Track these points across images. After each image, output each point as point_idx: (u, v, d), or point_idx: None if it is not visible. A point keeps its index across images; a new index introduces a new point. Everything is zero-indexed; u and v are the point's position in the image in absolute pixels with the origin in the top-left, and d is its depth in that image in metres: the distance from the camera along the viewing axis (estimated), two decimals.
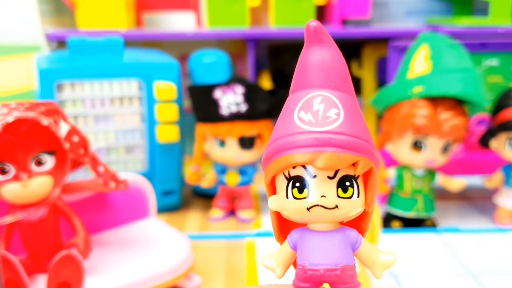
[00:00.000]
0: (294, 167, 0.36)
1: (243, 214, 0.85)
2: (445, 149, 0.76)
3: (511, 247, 0.74)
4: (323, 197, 0.35)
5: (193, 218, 0.86)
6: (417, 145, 0.76)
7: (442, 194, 0.91)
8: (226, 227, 0.82)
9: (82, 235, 0.57)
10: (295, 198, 0.36)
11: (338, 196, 0.36)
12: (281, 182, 0.37)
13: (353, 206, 0.36)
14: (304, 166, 0.36)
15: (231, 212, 0.87)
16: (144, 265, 0.59)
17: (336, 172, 0.36)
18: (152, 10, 1.09)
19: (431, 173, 0.79)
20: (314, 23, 0.38)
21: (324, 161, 0.35)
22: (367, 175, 0.37)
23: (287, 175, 0.36)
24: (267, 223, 0.83)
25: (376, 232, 0.60)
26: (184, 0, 1.09)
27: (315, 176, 0.36)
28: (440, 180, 0.80)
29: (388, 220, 0.81)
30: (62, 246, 0.57)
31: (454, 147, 0.77)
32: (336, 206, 0.36)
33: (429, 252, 0.72)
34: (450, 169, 0.86)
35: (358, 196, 0.36)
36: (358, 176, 0.37)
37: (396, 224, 0.80)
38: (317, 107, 0.36)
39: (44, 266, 0.57)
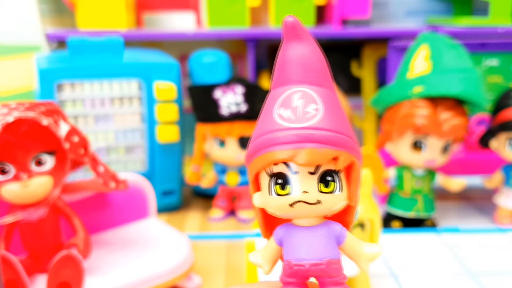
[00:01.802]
0: (276, 164, 0.36)
1: (243, 214, 0.85)
2: (445, 149, 0.76)
3: (511, 247, 0.74)
4: (305, 193, 0.36)
5: (193, 218, 0.86)
6: (417, 145, 0.76)
7: (442, 194, 0.91)
8: (226, 227, 0.82)
9: (82, 235, 0.57)
10: (278, 194, 0.36)
11: (320, 191, 0.36)
12: (264, 179, 0.37)
13: (335, 200, 0.37)
14: (285, 163, 0.36)
15: (231, 212, 0.87)
16: (144, 265, 0.59)
17: (318, 167, 0.36)
18: (152, 10, 1.09)
19: (431, 173, 0.79)
20: (290, 18, 0.38)
21: (304, 157, 0.35)
22: (349, 169, 0.37)
23: (270, 172, 0.37)
24: None
25: (376, 232, 0.60)
26: (184, 0, 1.09)
27: (296, 172, 0.36)
28: (440, 180, 0.80)
29: (388, 220, 0.81)
30: (62, 246, 0.57)
31: (454, 147, 0.77)
32: (319, 201, 0.36)
33: (429, 252, 0.72)
34: (450, 169, 0.86)
35: (340, 190, 0.37)
36: (340, 171, 0.37)
37: (396, 224, 0.80)
38: (296, 103, 0.36)
39: (44, 266, 0.57)
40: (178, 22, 1.09)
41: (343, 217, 0.39)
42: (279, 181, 0.36)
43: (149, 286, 0.57)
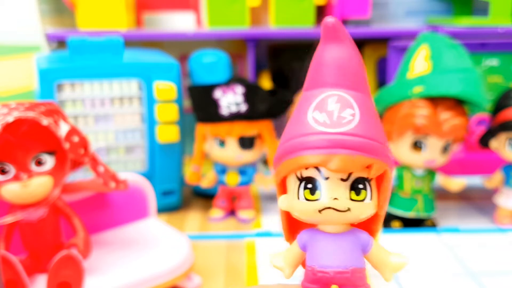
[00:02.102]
0: (306, 168, 0.35)
1: (243, 214, 0.85)
2: (445, 149, 0.76)
3: (511, 247, 0.74)
4: (335, 200, 0.35)
5: (193, 218, 0.86)
6: (417, 145, 0.76)
7: (442, 194, 0.91)
8: (226, 227, 0.82)
9: (82, 235, 0.57)
10: (306, 199, 0.35)
11: (351, 199, 0.35)
12: (293, 183, 0.36)
13: (365, 208, 0.36)
14: (316, 168, 0.35)
15: (231, 212, 0.87)
16: (144, 265, 0.59)
17: (349, 174, 0.35)
18: (152, 10, 1.09)
19: (431, 173, 0.79)
20: (331, 19, 0.36)
21: (337, 163, 0.34)
22: (380, 177, 0.36)
23: (299, 176, 0.36)
24: (267, 223, 0.83)
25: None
26: (184, 0, 1.09)
27: (327, 178, 0.35)
28: (440, 180, 0.80)
29: (388, 220, 0.81)
30: (62, 246, 0.57)
31: (454, 147, 0.77)
32: (348, 209, 0.35)
33: (429, 252, 0.72)
34: (450, 169, 0.86)
35: (371, 199, 0.36)
36: (371, 179, 0.36)
37: (396, 224, 0.80)
38: (332, 107, 0.35)
39: (44, 266, 0.57)
40: (178, 22, 1.09)
41: (369, 225, 0.39)
42: (309, 186, 0.35)
43: (149, 286, 0.57)
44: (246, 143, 0.81)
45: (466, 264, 0.69)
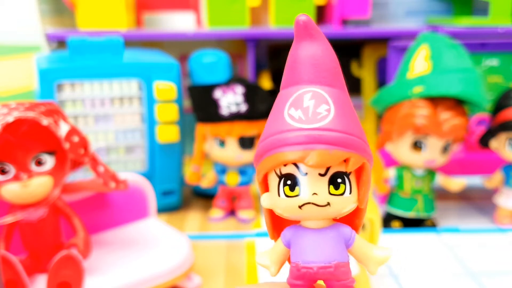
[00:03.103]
0: (285, 165, 0.36)
1: (243, 214, 0.85)
2: (445, 149, 0.76)
3: (511, 247, 0.74)
4: (315, 195, 0.35)
5: (193, 218, 0.86)
6: (417, 145, 0.76)
7: (442, 194, 0.91)
8: (226, 227, 0.82)
9: (82, 235, 0.57)
10: (286, 196, 0.36)
11: (330, 193, 0.35)
12: (273, 180, 0.37)
13: (345, 202, 0.36)
14: (295, 164, 0.35)
15: (231, 212, 0.87)
16: (144, 265, 0.59)
17: (328, 169, 0.35)
18: (152, 10, 1.09)
19: (431, 173, 0.79)
20: (303, 17, 0.37)
21: (314, 158, 0.34)
22: (359, 171, 0.37)
23: (279, 173, 0.36)
24: None
25: (376, 232, 0.60)
26: (184, 0, 1.09)
27: (306, 174, 0.35)
28: (440, 180, 0.80)
29: (388, 220, 0.81)
30: (62, 246, 0.57)
31: (454, 147, 0.77)
32: (328, 203, 0.35)
33: (429, 252, 0.72)
34: (450, 169, 0.86)
35: (350, 193, 0.36)
36: (350, 173, 0.36)
37: (396, 224, 0.80)
38: (307, 104, 0.36)
39: (44, 266, 0.57)
40: (178, 22, 1.09)
41: (351, 219, 0.39)
42: (288, 182, 0.35)
43: (149, 286, 0.57)
44: (246, 143, 0.81)
45: (466, 264, 0.69)
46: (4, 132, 0.51)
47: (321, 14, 1.08)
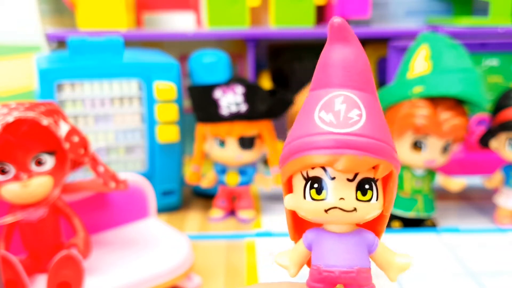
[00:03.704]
0: (312, 168, 0.35)
1: (243, 214, 0.85)
2: (445, 149, 0.76)
3: (511, 247, 0.74)
4: (342, 200, 0.35)
5: (193, 218, 0.86)
6: (417, 145, 0.76)
7: (442, 194, 0.91)
8: (226, 227, 0.82)
9: (82, 235, 0.57)
10: (312, 199, 0.35)
11: (357, 199, 0.35)
12: (299, 182, 0.36)
13: (371, 209, 0.36)
14: (323, 168, 0.35)
15: (231, 212, 0.87)
16: (144, 265, 0.59)
17: (356, 174, 0.35)
18: (152, 10, 1.09)
19: (431, 173, 0.79)
20: (338, 19, 0.36)
21: (344, 163, 0.34)
22: (386, 178, 0.37)
23: (305, 176, 0.36)
24: (267, 223, 0.83)
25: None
26: (184, 0, 1.09)
27: (334, 178, 0.35)
28: (440, 180, 0.80)
29: (388, 220, 0.81)
30: (62, 246, 0.57)
31: (454, 147, 0.77)
32: (355, 209, 0.35)
33: (429, 252, 0.72)
34: (450, 169, 0.86)
35: (377, 199, 0.36)
36: (377, 179, 0.36)
37: (396, 224, 0.80)
38: (338, 107, 0.35)
39: (44, 266, 0.57)
40: (178, 22, 1.09)
41: (374, 225, 0.39)
42: (315, 185, 0.35)
43: (149, 286, 0.57)
44: (246, 143, 0.81)
45: (466, 264, 0.69)
46: (4, 132, 0.51)
47: (321, 14, 1.08)
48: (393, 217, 0.81)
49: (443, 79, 0.73)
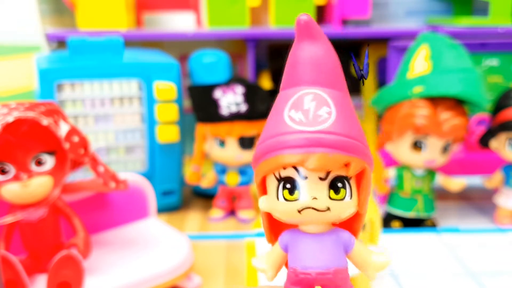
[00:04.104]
0: (284, 168, 0.35)
1: (243, 214, 0.85)
2: (445, 149, 0.76)
3: (511, 247, 0.74)
4: (315, 199, 0.34)
5: (193, 218, 0.86)
6: (417, 145, 0.76)
7: (442, 194, 0.91)
8: (226, 227, 0.82)
9: (82, 235, 0.57)
10: (286, 199, 0.35)
11: (330, 198, 0.35)
12: (272, 183, 0.36)
13: (345, 207, 0.35)
14: (295, 167, 0.35)
15: (231, 212, 0.87)
16: (144, 265, 0.59)
17: (328, 173, 0.34)
18: (152, 10, 1.09)
19: (431, 173, 0.79)
20: (304, 17, 0.36)
21: (315, 162, 0.33)
22: (360, 175, 0.36)
23: (278, 176, 0.35)
24: None
25: (376, 232, 0.60)
26: (184, 0, 1.09)
27: (306, 178, 0.34)
28: (440, 180, 0.80)
29: (388, 220, 0.81)
30: (62, 246, 0.57)
31: (454, 147, 0.77)
32: (328, 208, 0.35)
33: (429, 252, 0.72)
34: (450, 169, 0.86)
35: (350, 197, 0.35)
36: (350, 177, 0.36)
37: (396, 224, 0.80)
38: (308, 106, 0.35)
39: (44, 266, 0.57)
40: (178, 22, 1.09)
41: (350, 224, 0.38)
42: (288, 185, 0.35)
43: (149, 286, 0.57)
44: (246, 143, 0.81)
45: (466, 264, 0.69)
46: (4, 132, 0.51)
47: (321, 14, 1.08)
48: (393, 217, 0.81)
49: (443, 79, 0.73)
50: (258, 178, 0.37)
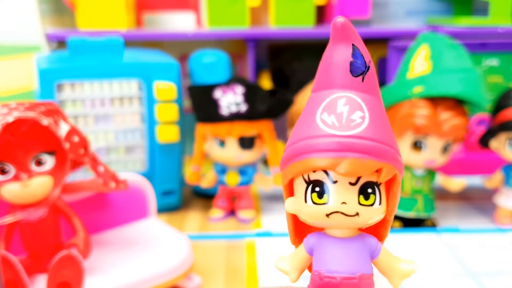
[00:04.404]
0: (314, 171, 0.35)
1: (243, 214, 0.84)
2: (445, 149, 0.76)
3: (511, 247, 0.74)
4: (344, 204, 0.34)
5: (193, 218, 0.86)
6: (417, 145, 0.76)
7: (442, 194, 0.91)
8: (226, 227, 0.82)
9: (82, 235, 0.57)
10: (314, 203, 0.35)
11: (359, 203, 0.34)
12: (300, 185, 0.35)
13: (374, 213, 0.35)
14: (325, 171, 0.34)
15: (231, 212, 0.87)
16: (144, 265, 0.59)
17: (358, 178, 0.34)
18: (152, 10, 1.09)
19: (431, 173, 0.79)
20: (341, 19, 0.36)
21: (346, 167, 0.33)
22: (390, 182, 0.36)
23: (307, 179, 0.35)
24: (267, 223, 0.83)
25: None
26: (184, 0, 1.09)
27: (336, 182, 0.34)
28: (440, 180, 0.80)
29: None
30: (62, 246, 0.57)
31: (454, 147, 0.77)
32: (357, 213, 0.34)
33: (429, 252, 0.72)
34: (450, 169, 0.86)
35: (379, 204, 0.35)
36: (380, 183, 0.35)
37: (396, 224, 0.80)
38: (341, 109, 0.34)
39: (44, 266, 0.57)
40: (178, 22, 1.09)
41: (377, 229, 0.38)
42: (317, 189, 0.34)
43: (149, 286, 0.57)
44: (246, 143, 0.81)
45: (466, 264, 0.69)
46: (4, 132, 0.51)
47: (321, 14, 1.08)
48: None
49: (443, 79, 0.73)
50: (286, 180, 0.36)
